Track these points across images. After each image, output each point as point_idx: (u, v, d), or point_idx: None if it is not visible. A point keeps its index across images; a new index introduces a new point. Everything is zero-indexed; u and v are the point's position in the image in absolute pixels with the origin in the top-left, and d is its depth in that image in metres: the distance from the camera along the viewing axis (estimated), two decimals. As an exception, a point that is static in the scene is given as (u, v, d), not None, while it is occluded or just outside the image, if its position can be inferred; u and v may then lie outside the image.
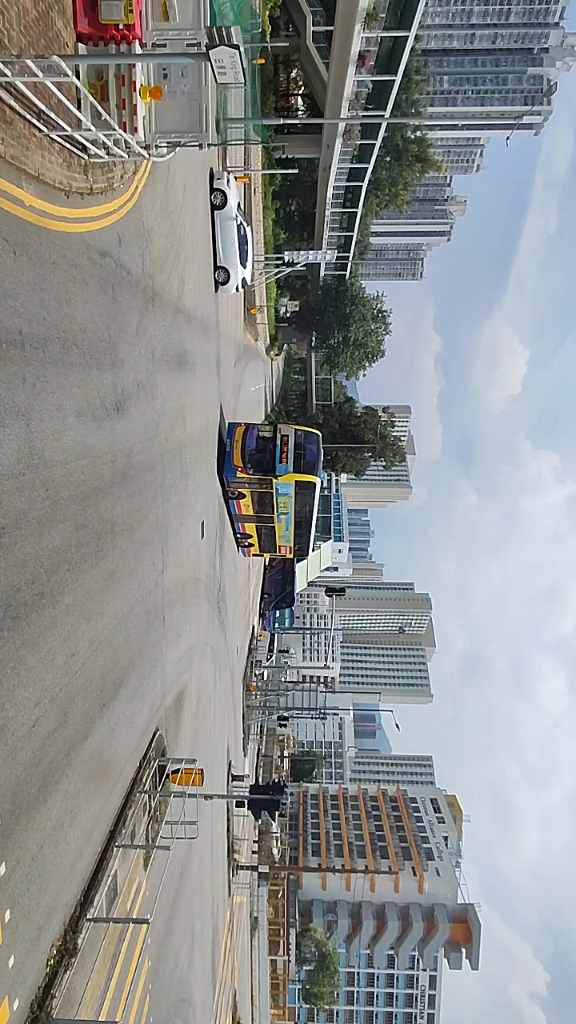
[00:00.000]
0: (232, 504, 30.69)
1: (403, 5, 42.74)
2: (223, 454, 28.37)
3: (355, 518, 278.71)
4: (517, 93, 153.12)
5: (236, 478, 28.78)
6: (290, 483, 29.13)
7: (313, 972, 76.84)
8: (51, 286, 9.40)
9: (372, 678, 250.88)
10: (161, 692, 16.99)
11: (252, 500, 30.28)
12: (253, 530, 33.06)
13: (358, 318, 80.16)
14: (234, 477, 28.67)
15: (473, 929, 74.50)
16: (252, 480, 29.10)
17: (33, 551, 8.72)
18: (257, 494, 29.89)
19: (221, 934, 32.54)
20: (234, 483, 29.22)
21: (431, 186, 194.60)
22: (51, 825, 9.43)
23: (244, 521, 32.19)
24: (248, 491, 29.83)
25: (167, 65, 10.87)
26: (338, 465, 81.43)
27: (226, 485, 29.28)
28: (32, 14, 8.63)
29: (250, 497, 30.13)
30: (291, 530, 32.10)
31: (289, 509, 30.60)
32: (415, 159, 74.21)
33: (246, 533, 33.52)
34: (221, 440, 28.47)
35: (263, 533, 33.14)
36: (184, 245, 19.42)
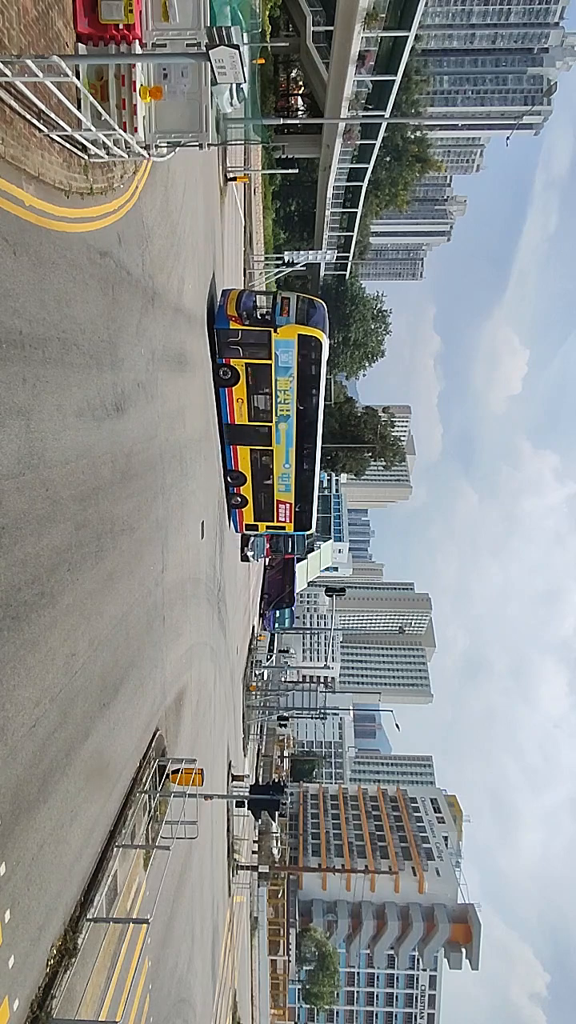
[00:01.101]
0: (224, 403, 27.01)
1: (403, 5, 42.70)
2: (213, 309, 25.31)
3: (355, 518, 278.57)
4: (517, 93, 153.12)
5: (229, 333, 25.19)
6: (292, 340, 25.67)
7: (313, 972, 76.79)
8: (51, 286, 9.40)
9: (372, 678, 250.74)
10: (161, 692, 16.99)
11: (246, 385, 26.57)
12: (249, 489, 30.33)
13: (358, 318, 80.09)
14: (226, 329, 25.11)
15: (473, 929, 74.48)
16: (247, 340, 25.52)
17: (33, 551, 8.72)
18: (253, 369, 26.18)
19: (221, 934, 32.53)
20: (226, 345, 25.55)
21: (431, 186, 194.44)
22: (51, 825, 9.43)
23: (238, 441, 28.49)
24: (242, 365, 26.05)
25: (167, 65, 10.88)
26: (338, 465, 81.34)
27: (217, 354, 25.78)
28: (32, 14, 8.63)
29: (244, 380, 26.38)
30: (292, 459, 28.80)
31: (291, 400, 26.90)
32: (415, 159, 74.15)
33: (240, 494, 30.71)
34: (211, 309, 25.35)
35: (259, 484, 29.97)
36: (184, 245, 19.42)
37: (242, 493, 30.73)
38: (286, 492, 30.53)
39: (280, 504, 30.99)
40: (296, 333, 25.59)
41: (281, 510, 31.21)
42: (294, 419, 27.71)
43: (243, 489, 30.58)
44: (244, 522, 32.34)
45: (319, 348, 26.10)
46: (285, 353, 25.89)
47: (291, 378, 26.44)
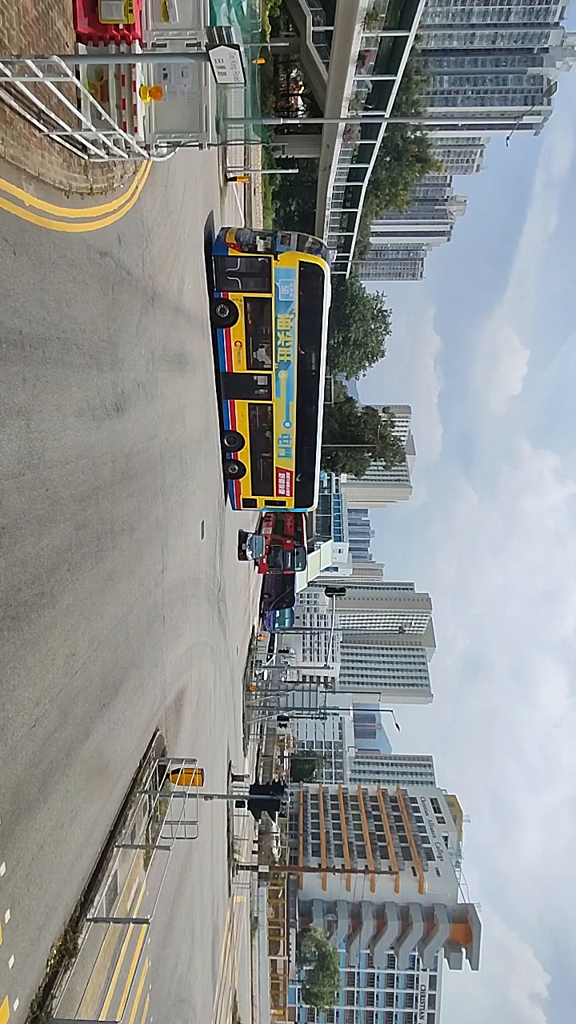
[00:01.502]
0: (222, 347, 25.88)
1: (403, 5, 42.68)
2: (211, 240, 24.50)
3: (355, 518, 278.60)
4: (517, 93, 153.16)
5: (227, 261, 24.20)
6: (293, 269, 24.58)
7: (313, 972, 76.79)
8: (51, 286, 9.40)
9: (372, 678, 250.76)
10: (161, 692, 17.00)
11: (245, 325, 25.45)
12: (247, 454, 28.80)
13: (358, 318, 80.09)
14: (224, 256, 24.16)
15: (473, 929, 74.50)
16: (246, 269, 24.52)
17: (33, 551, 8.72)
18: (252, 306, 25.12)
19: (221, 934, 32.53)
20: (224, 276, 24.58)
21: (431, 186, 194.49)
22: (51, 825, 9.43)
23: (236, 393, 27.12)
24: (241, 299, 24.96)
25: (167, 65, 10.88)
26: (338, 465, 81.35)
27: (215, 287, 24.76)
28: (32, 14, 8.63)
29: (243, 318, 25.28)
30: (293, 416, 27.47)
31: (292, 343, 25.68)
32: (415, 159, 74.15)
33: (238, 460, 29.20)
34: (209, 240, 24.55)
35: (258, 448, 28.52)
36: (184, 245, 19.42)
37: (239, 460, 29.20)
38: (286, 458, 29.07)
39: (280, 473, 29.40)
40: (297, 260, 24.56)
41: (281, 481, 29.59)
42: (295, 366, 26.51)
43: (240, 454, 29.07)
44: (241, 496, 30.49)
45: (321, 279, 24.95)
46: (286, 285, 24.79)
47: (292, 315, 25.34)
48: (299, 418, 27.94)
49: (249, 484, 29.99)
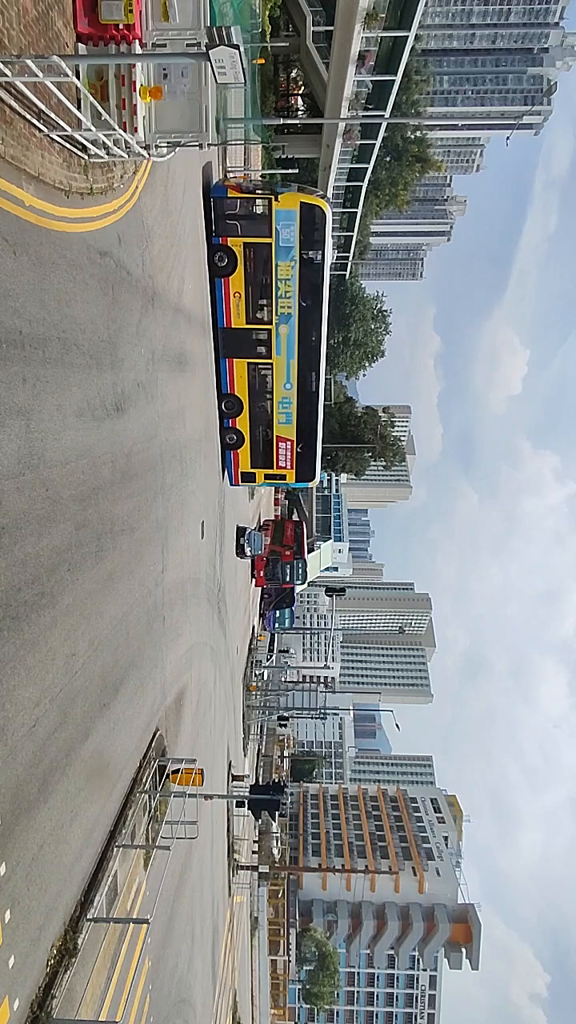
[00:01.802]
0: (220, 299, 24.95)
1: (403, 5, 42.68)
2: (209, 185, 23.87)
3: (355, 518, 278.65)
4: (517, 93, 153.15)
5: (226, 203, 23.52)
6: (294, 211, 23.84)
7: (313, 972, 76.78)
8: (51, 286, 9.40)
9: (372, 678, 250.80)
10: (161, 692, 16.99)
11: (244, 274, 24.62)
12: (245, 421, 27.57)
13: (358, 318, 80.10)
14: (224, 198, 23.53)
15: (473, 929, 74.49)
16: (246, 211, 23.83)
17: (33, 551, 8.72)
18: (251, 252, 24.28)
19: (221, 934, 32.53)
20: (223, 219, 23.88)
21: (431, 186, 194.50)
22: (51, 825, 9.43)
23: (234, 351, 26.12)
24: (240, 245, 24.19)
25: (167, 65, 10.88)
26: (338, 465, 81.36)
27: (213, 232, 24.01)
28: (32, 14, 8.63)
29: (242, 266, 24.46)
30: (294, 377, 26.31)
31: (292, 293, 24.67)
32: (415, 159, 74.15)
33: (236, 428, 27.94)
34: (208, 185, 24.04)
35: (257, 413, 27.39)
36: (184, 245, 19.42)
37: (238, 427, 27.95)
38: (287, 425, 27.77)
39: (280, 443, 28.06)
40: (298, 201, 23.81)
41: (281, 451, 28.21)
42: (296, 320, 25.42)
43: (239, 421, 27.83)
44: (240, 469, 29.05)
45: (323, 222, 24.08)
46: (287, 228, 23.94)
47: (293, 262, 24.39)
48: (300, 380, 26.77)
49: (248, 455, 28.57)
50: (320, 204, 24.28)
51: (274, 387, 27.02)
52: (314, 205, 24.12)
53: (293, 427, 27.91)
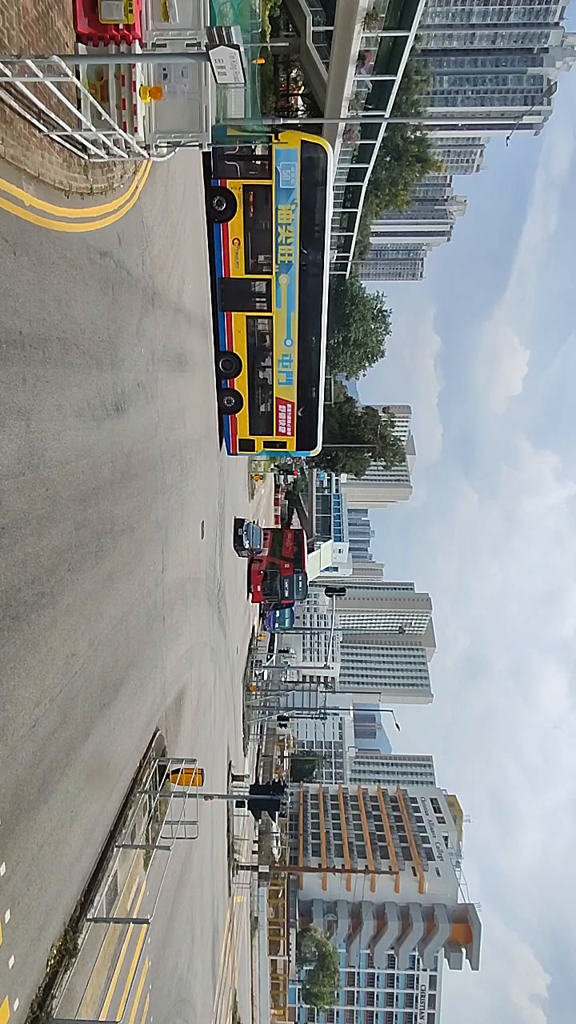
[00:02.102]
0: (218, 246, 24.01)
1: (403, 5, 42.65)
2: None
3: (355, 518, 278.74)
4: (517, 93, 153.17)
5: (226, 141, 22.01)
6: (295, 151, 23.13)
7: (313, 972, 76.77)
8: (51, 286, 9.40)
9: (372, 678, 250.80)
10: (161, 692, 16.99)
11: (243, 219, 23.67)
12: (244, 381, 26.21)
13: (358, 318, 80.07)
14: (224, 137, 21.78)
15: (473, 929, 74.48)
16: (246, 150, 23.42)
17: (33, 551, 8.72)
18: (251, 195, 23.35)
19: (221, 934, 32.53)
20: (222, 160, 23.21)
21: (431, 186, 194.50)
22: (51, 825, 9.43)
23: (233, 304, 24.89)
24: (239, 188, 23.32)
25: (167, 65, 10.88)
26: (338, 465, 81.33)
27: (212, 172, 23.26)
28: (32, 14, 8.63)
29: (241, 211, 23.53)
30: (295, 332, 25.00)
31: (293, 239, 23.55)
32: (415, 159, 74.11)
33: (233, 390, 26.56)
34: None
35: (255, 373, 26.02)
36: (184, 245, 19.42)
37: (236, 389, 26.61)
38: (287, 385, 26.35)
39: (280, 405, 26.62)
40: (299, 140, 23.17)
41: (281, 415, 26.77)
42: (296, 269, 24.24)
43: (237, 382, 26.51)
44: (237, 436, 27.62)
45: (325, 163, 23.23)
46: (287, 169, 23.10)
47: (294, 205, 23.41)
48: (301, 336, 25.43)
49: (246, 420, 27.11)
50: (322, 143, 23.42)
51: (274, 343, 25.56)
52: (316, 144, 23.29)
53: (294, 388, 26.45)
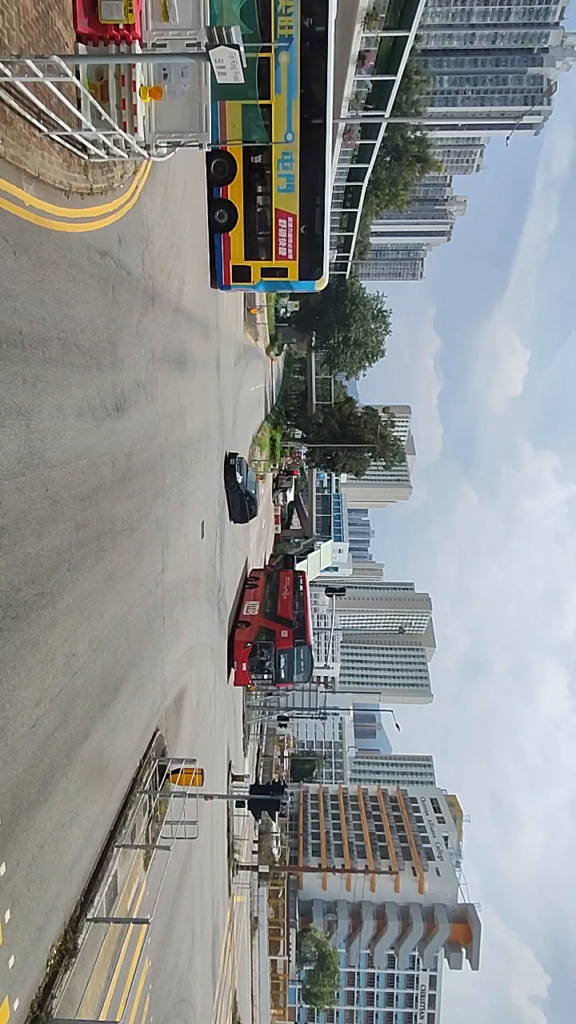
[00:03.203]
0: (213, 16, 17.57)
1: (403, 5, 42.69)
2: None
3: (355, 518, 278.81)
4: (517, 93, 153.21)
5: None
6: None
7: (313, 972, 76.79)
8: (51, 286, 9.40)
9: (372, 678, 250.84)
10: (161, 692, 16.99)
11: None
12: (239, 188, 22.57)
13: (358, 318, 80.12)
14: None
15: (473, 929, 74.49)
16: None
17: (33, 551, 8.71)
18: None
19: (221, 934, 32.52)
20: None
21: (431, 186, 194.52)
22: (51, 825, 9.43)
23: (227, 94, 20.69)
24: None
25: (167, 65, 10.88)
26: (338, 465, 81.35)
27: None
28: (32, 14, 8.63)
29: None
30: (296, 122, 21.28)
31: (294, 11, 20.06)
32: (415, 159, 74.19)
33: (227, 200, 22.76)
34: None
35: (252, 176, 22.46)
36: (184, 245, 19.41)
37: (230, 199, 22.78)
38: (287, 193, 22.48)
39: (280, 219, 22.64)
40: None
41: (281, 231, 22.82)
42: (297, 46, 20.59)
43: (231, 190, 22.75)
44: (231, 262, 23.59)
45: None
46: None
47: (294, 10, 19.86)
48: (303, 130, 21.71)
49: (241, 240, 23.32)
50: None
51: (272, 137, 22.01)
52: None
53: (295, 197, 22.61)
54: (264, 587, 37.60)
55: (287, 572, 42.53)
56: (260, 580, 38.69)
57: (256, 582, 38.61)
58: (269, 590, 37.56)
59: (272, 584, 38.42)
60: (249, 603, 35.90)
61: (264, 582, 38.67)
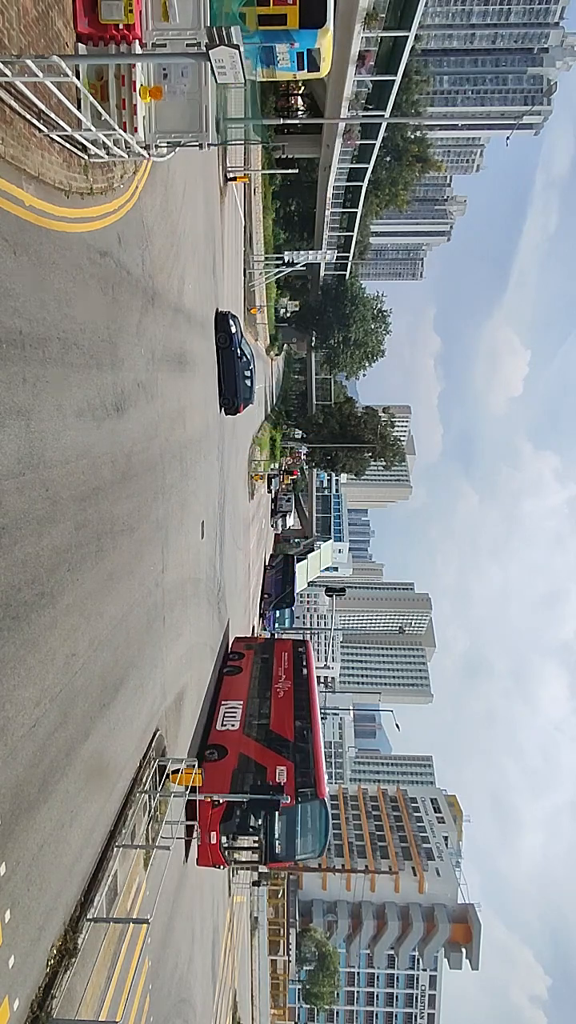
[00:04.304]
0: None
1: (403, 5, 42.69)
2: None
3: (355, 518, 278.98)
4: (517, 93, 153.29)
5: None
6: None
7: (313, 972, 76.85)
8: (51, 286, 9.40)
9: (372, 678, 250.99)
10: (161, 692, 16.99)
11: None
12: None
13: (358, 318, 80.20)
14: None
15: (473, 929, 74.57)
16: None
17: (33, 551, 8.71)
18: None
19: (221, 934, 32.52)
20: None
21: (431, 186, 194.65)
22: (51, 825, 9.43)
23: None
24: None
25: (167, 65, 10.87)
26: (338, 465, 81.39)
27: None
28: (32, 14, 8.63)
29: None
30: None
31: None
32: (415, 159, 74.25)
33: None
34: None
35: None
36: (184, 245, 19.42)
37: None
38: None
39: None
40: None
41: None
42: None
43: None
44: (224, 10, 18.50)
45: None
46: None
47: None
48: None
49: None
50: None
51: None
52: None
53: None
54: (250, 674, 26.55)
55: (283, 644, 30.51)
56: (245, 661, 27.30)
57: (239, 663, 27.30)
58: (257, 681, 26.48)
59: (261, 668, 27.29)
60: (227, 706, 24.29)
61: (250, 665, 27.46)
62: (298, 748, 22.77)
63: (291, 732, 23.38)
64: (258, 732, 23.16)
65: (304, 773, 21.87)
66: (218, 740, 22.39)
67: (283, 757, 22.09)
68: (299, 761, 22.20)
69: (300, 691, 25.78)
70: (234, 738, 22.47)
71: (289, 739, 23.09)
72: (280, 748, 22.56)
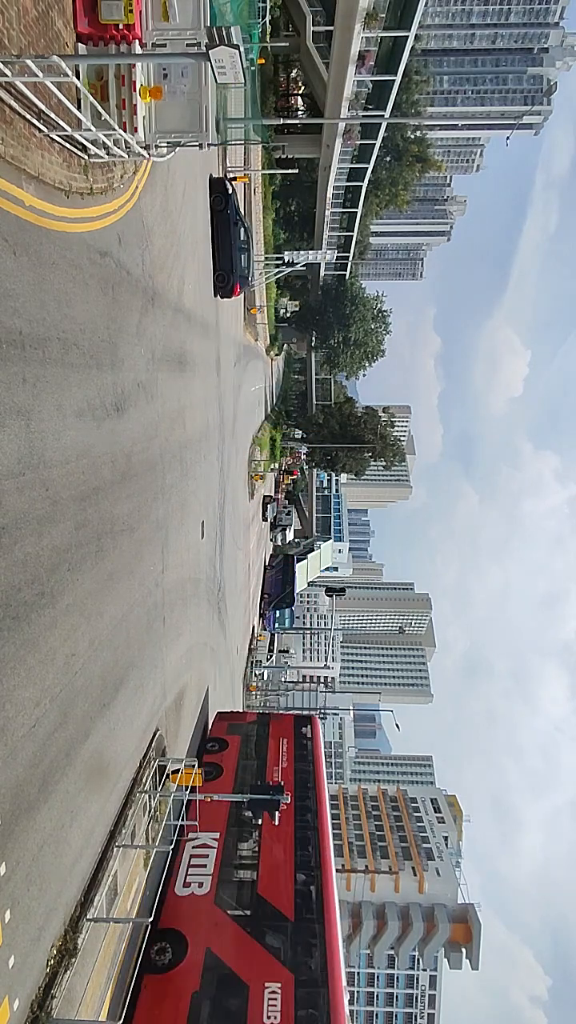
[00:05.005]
0: None
1: (403, 5, 42.68)
2: None
3: (355, 518, 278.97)
4: (517, 93, 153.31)
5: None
6: None
7: (313, 972, 76.71)
8: (51, 286, 9.40)
9: (372, 678, 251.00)
10: (161, 692, 16.99)
11: None
12: None
13: (358, 318, 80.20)
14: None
15: (473, 929, 74.48)
16: None
17: (33, 551, 8.72)
18: None
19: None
20: None
21: (431, 186, 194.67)
22: (51, 825, 9.43)
23: None
24: None
25: (167, 65, 10.87)
26: (338, 465, 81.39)
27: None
28: (32, 14, 8.63)
29: None
30: None
31: None
32: (415, 159, 74.24)
33: None
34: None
35: None
36: (184, 245, 19.42)
37: None
38: None
39: None
40: None
41: None
42: None
43: None
44: None
45: None
46: None
47: None
48: None
49: None
50: None
51: None
52: None
53: None
54: (233, 780, 18.32)
55: (280, 724, 22.05)
56: (227, 756, 18.94)
57: (218, 758, 19.01)
58: (246, 755, 18.54)
59: (250, 769, 18.72)
60: (194, 846, 15.87)
61: (234, 764, 18.97)
62: (300, 936, 13.62)
63: (289, 893, 14.59)
64: (239, 899, 14.26)
65: (311, 996, 12.25)
66: (172, 922, 13.57)
67: (276, 959, 12.94)
68: (302, 972, 12.65)
69: (304, 822, 16.94)
70: (199, 917, 13.72)
71: (290, 917, 14.06)
72: (273, 942, 13.26)
